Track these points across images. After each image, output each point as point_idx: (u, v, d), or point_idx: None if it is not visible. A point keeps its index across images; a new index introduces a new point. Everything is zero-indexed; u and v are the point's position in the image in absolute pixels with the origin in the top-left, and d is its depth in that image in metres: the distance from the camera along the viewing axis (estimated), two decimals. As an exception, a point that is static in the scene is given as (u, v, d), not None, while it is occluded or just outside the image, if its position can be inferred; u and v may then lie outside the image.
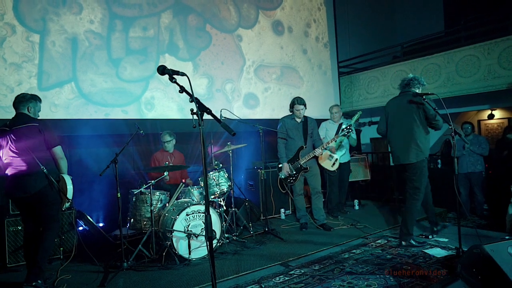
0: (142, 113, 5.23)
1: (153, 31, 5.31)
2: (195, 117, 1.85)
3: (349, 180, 6.09)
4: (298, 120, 4.86)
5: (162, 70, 1.95)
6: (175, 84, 1.93)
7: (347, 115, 8.52)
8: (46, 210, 3.24)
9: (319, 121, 5.57)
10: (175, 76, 1.92)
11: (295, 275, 3.37)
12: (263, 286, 3.16)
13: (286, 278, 3.30)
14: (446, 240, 4.18)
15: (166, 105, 5.44)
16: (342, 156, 5.59)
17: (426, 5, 10.41)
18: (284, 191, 5.87)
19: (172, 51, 5.50)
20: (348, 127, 4.68)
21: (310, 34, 7.37)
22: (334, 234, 4.68)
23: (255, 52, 6.46)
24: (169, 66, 2.15)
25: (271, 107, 6.61)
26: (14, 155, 3.18)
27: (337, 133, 5.56)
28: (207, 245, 1.87)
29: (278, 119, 5.02)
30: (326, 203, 6.05)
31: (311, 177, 4.85)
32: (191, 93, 1.83)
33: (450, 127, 3.47)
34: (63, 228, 4.13)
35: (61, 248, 4.08)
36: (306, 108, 4.81)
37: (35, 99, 3.39)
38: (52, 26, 4.60)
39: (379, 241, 4.32)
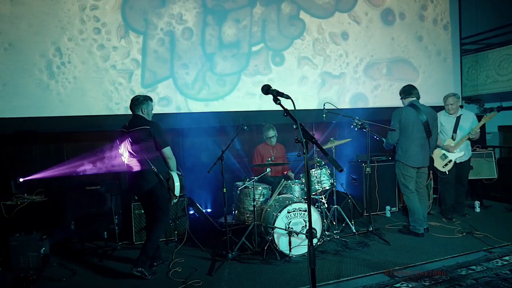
0: (235, 105, 5.38)
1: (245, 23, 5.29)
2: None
3: (470, 178, 5.36)
4: None
5: (266, 90, 1.91)
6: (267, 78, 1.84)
7: (469, 99, 7.44)
8: (157, 203, 3.60)
9: (437, 110, 4.96)
10: (279, 98, 1.85)
11: (401, 290, 3.14)
12: (365, 297, 3.03)
13: (391, 292, 3.11)
14: None
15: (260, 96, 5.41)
16: (459, 157, 4.95)
17: None
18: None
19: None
20: (358, 121, 4.32)
21: (426, 17, 6.54)
22: (448, 242, 4.21)
23: (363, 48, 6.05)
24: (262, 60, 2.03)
25: (381, 105, 6.23)
26: (131, 155, 3.56)
27: (455, 129, 4.94)
28: (308, 249, 1.81)
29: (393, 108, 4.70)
30: (439, 202, 5.48)
31: None
32: (295, 118, 1.75)
33: None
34: (177, 214, 4.59)
35: (176, 232, 4.56)
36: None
37: (147, 99, 3.67)
38: (152, 27, 4.92)
39: (506, 257, 3.72)
